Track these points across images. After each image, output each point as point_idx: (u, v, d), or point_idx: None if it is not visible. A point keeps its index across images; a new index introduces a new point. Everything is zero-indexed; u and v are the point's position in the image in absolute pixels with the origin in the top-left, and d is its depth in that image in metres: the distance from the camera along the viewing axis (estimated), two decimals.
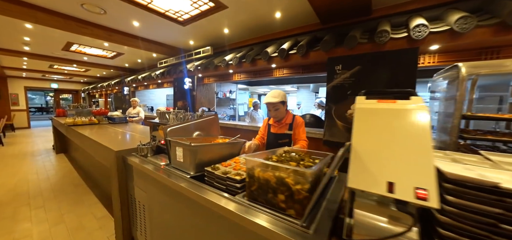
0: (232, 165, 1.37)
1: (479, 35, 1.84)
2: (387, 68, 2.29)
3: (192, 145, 1.32)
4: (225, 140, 1.78)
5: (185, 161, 1.40)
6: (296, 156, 1.22)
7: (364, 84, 2.44)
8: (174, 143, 1.47)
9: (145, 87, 7.05)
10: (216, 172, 1.21)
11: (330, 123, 2.72)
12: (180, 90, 4.86)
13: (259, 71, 3.74)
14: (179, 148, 1.42)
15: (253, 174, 1.00)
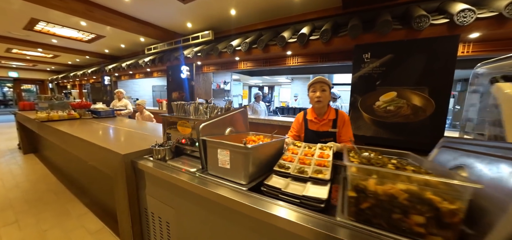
0: (294, 167, 1.09)
1: None
2: (422, 57, 2.14)
3: (247, 146, 1.01)
4: (262, 138, 1.48)
5: (234, 167, 1.08)
6: (386, 159, 0.98)
7: (395, 74, 2.28)
8: (214, 144, 1.14)
9: (130, 76, 6.29)
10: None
11: (355, 116, 2.54)
12: (175, 80, 4.35)
13: (270, 59, 3.42)
14: (224, 151, 1.10)
15: (365, 187, 0.73)
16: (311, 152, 1.36)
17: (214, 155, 1.15)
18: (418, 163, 0.96)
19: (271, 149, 1.30)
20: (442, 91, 2.08)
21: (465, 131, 2.12)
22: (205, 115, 1.56)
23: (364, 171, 0.75)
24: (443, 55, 2.05)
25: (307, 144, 1.52)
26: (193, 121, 1.48)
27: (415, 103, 2.20)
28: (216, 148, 1.13)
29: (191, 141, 1.50)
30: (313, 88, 1.67)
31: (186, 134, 1.53)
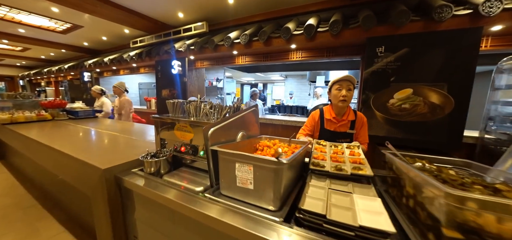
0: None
1: None
2: (441, 51, 1.99)
3: (282, 160, 0.75)
4: (278, 142, 1.23)
5: (259, 187, 0.82)
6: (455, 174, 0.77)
7: (411, 69, 2.12)
8: (230, 156, 0.86)
9: (113, 72, 5.74)
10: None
11: (366, 115, 2.35)
12: (165, 76, 3.95)
13: (272, 53, 3.16)
14: (245, 166, 0.83)
15: (481, 228, 0.50)
16: (339, 150, 1.24)
17: (229, 171, 0.87)
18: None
19: (301, 158, 1.05)
20: (463, 87, 1.94)
21: (486, 131, 2.00)
22: (209, 117, 1.27)
23: (479, 203, 0.51)
24: (464, 49, 1.91)
25: (332, 143, 1.39)
26: (196, 124, 1.18)
27: (432, 100, 2.05)
28: (234, 162, 0.85)
29: (193, 149, 1.21)
30: (338, 85, 1.52)
31: (186, 141, 1.23)
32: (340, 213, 0.79)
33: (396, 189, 0.94)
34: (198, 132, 1.18)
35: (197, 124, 1.18)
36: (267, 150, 1.28)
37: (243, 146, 1.17)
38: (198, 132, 1.18)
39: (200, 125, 1.17)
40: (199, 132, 1.18)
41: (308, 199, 0.89)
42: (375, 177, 1.17)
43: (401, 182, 0.88)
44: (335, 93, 1.53)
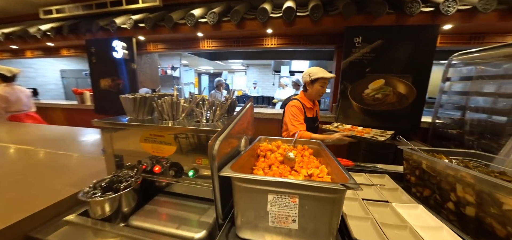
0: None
1: (491, 18, 1.95)
2: (408, 45, 2.14)
3: (349, 184, 0.50)
4: (281, 144, 0.99)
5: (308, 225, 0.55)
6: None
7: (383, 61, 2.23)
8: (259, 185, 0.55)
9: (13, 54, 4.08)
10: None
11: (344, 104, 2.39)
12: (104, 61, 3.02)
13: (245, 38, 2.81)
14: (285, 197, 0.54)
15: None
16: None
17: (255, 205, 0.57)
18: None
19: None
20: (423, 79, 2.16)
21: (437, 117, 2.32)
22: (200, 119, 0.89)
23: None
24: (425, 44, 2.11)
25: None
26: (177, 130, 0.79)
27: (400, 90, 2.23)
28: (265, 194, 0.55)
29: (177, 169, 0.81)
30: (322, 83, 1.67)
31: (162, 156, 0.83)
32: (400, 237, 0.63)
33: (429, 189, 0.86)
34: (181, 143, 0.80)
35: (182, 132, 0.79)
36: (273, 156, 1.02)
37: (250, 158, 0.87)
38: (182, 144, 0.80)
39: (189, 134, 0.79)
40: (184, 144, 0.79)
41: (351, 221, 0.69)
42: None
43: (442, 185, 0.79)
44: (318, 89, 1.67)
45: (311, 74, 1.65)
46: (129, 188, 0.75)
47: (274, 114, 2.67)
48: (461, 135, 1.98)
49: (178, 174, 0.82)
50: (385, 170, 1.17)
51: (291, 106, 1.69)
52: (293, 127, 1.62)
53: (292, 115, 1.66)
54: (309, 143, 1.16)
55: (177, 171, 0.81)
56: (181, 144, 0.80)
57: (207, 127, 0.78)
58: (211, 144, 0.57)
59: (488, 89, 1.75)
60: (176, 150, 0.80)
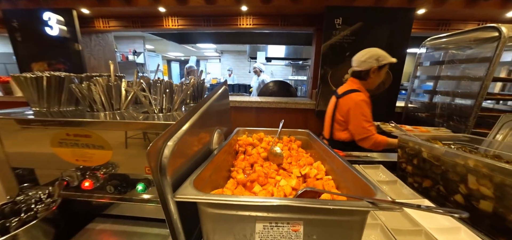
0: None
1: (458, 4, 2.01)
2: (386, 28, 2.11)
3: (375, 201, 0.32)
4: (271, 139, 0.82)
5: None
6: None
7: (363, 45, 2.14)
8: (241, 210, 0.34)
9: None
10: None
11: (325, 90, 2.30)
12: (34, 39, 2.36)
13: (216, 17, 2.47)
14: (283, 225, 0.34)
15: None
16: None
17: (236, 237, 0.36)
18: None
19: None
20: (399, 64, 2.17)
21: (410, 101, 2.39)
22: (148, 109, 0.62)
23: None
24: (401, 28, 2.09)
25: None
26: (110, 125, 0.52)
27: None
28: (251, 222, 0.35)
29: (119, 183, 0.55)
30: (386, 69, 1.41)
31: (93, 165, 0.55)
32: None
33: (430, 180, 0.77)
34: (123, 146, 0.54)
35: (119, 129, 0.53)
36: (255, 152, 0.83)
37: (226, 156, 0.66)
38: (125, 145, 0.54)
39: (134, 131, 0.52)
40: (129, 146, 0.53)
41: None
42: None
43: (448, 175, 0.70)
44: (382, 77, 1.43)
45: (380, 58, 1.34)
46: (36, 220, 0.47)
47: (252, 101, 2.46)
48: (431, 118, 2.05)
49: (121, 189, 0.56)
50: (377, 159, 1.07)
51: (360, 101, 1.35)
52: (367, 131, 1.33)
53: (363, 114, 1.32)
54: (296, 133, 0.99)
55: (119, 185, 0.55)
56: (123, 147, 0.54)
57: (158, 120, 0.53)
58: (153, 150, 0.33)
59: (455, 73, 1.80)
60: (113, 155, 0.53)
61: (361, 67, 1.41)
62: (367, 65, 1.38)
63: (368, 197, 0.33)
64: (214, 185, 0.52)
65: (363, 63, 1.39)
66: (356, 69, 1.45)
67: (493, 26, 1.48)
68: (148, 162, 0.31)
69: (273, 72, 7.59)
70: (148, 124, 0.51)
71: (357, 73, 1.46)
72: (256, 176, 0.66)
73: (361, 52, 1.43)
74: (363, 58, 1.39)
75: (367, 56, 1.37)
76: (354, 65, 1.45)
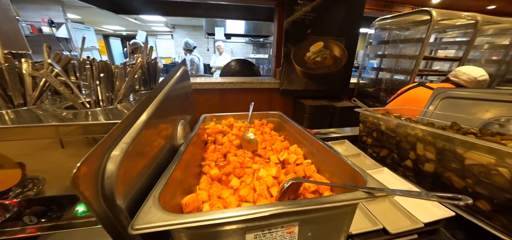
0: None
1: None
2: (342, 7, 2.19)
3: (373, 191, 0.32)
4: (232, 121, 0.77)
5: None
6: None
7: (322, 23, 2.22)
8: (230, 225, 0.28)
9: None
10: None
11: (288, 69, 2.32)
12: None
13: None
14: (277, 230, 0.30)
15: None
16: None
17: None
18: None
19: None
20: (353, 42, 2.34)
21: (361, 77, 2.66)
22: (75, 100, 0.46)
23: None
24: (356, 7, 2.21)
25: None
26: (11, 131, 0.36)
27: (336, 53, 2.34)
28: (241, 235, 0.29)
29: (44, 209, 0.40)
30: None
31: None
32: (385, 212, 0.57)
33: (387, 150, 0.87)
34: (41, 158, 0.38)
35: (21, 138, 0.36)
36: (226, 140, 0.76)
37: (195, 150, 0.57)
38: (47, 156, 0.38)
39: (52, 138, 0.37)
40: (51, 158, 0.38)
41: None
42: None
43: (402, 144, 0.79)
44: None
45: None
46: None
47: (215, 83, 2.29)
48: (377, 92, 2.35)
49: (51, 216, 0.41)
50: (342, 134, 1.15)
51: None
52: None
53: None
54: (268, 115, 0.96)
55: (46, 212, 0.40)
56: (44, 158, 0.38)
57: (92, 120, 0.39)
58: (83, 173, 0.22)
59: (395, 52, 2.06)
60: (31, 172, 0.37)
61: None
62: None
63: (363, 187, 0.31)
64: (184, 188, 0.44)
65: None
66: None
67: (426, 10, 1.71)
68: (77, 192, 0.20)
69: (233, 50, 7.27)
70: (71, 126, 0.36)
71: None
72: (232, 168, 0.60)
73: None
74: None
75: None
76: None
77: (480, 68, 1.36)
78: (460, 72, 1.39)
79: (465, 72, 1.37)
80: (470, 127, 0.75)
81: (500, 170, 0.51)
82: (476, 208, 0.58)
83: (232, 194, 0.46)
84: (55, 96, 0.56)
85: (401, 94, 1.54)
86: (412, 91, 1.48)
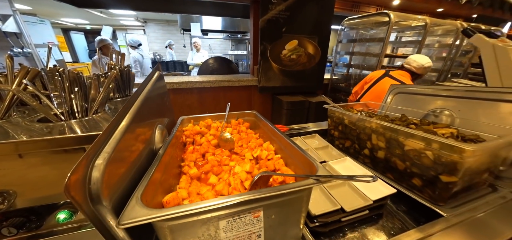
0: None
1: None
2: (314, 6, 2.32)
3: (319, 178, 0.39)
4: (210, 122, 0.82)
5: (277, 230, 0.42)
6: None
7: (297, 21, 2.32)
8: (203, 214, 0.33)
9: None
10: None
11: (265, 66, 2.39)
12: None
13: None
14: (245, 216, 0.36)
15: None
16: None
17: (203, 237, 0.36)
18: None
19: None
20: (325, 40, 2.49)
21: (334, 73, 2.84)
22: (47, 114, 0.47)
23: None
24: (327, 6, 2.35)
25: None
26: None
27: (309, 51, 2.48)
28: (215, 221, 0.35)
29: (23, 221, 0.41)
30: None
31: None
32: (343, 194, 0.68)
33: (350, 141, 0.99)
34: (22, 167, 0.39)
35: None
36: (204, 141, 0.80)
37: (174, 151, 0.61)
38: (21, 168, 0.39)
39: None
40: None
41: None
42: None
43: (361, 136, 0.91)
44: None
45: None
46: None
47: (193, 82, 2.28)
48: (348, 87, 2.55)
49: (30, 226, 0.42)
50: (312, 129, 1.26)
51: None
52: None
53: None
54: (244, 115, 1.01)
55: (24, 223, 0.41)
56: (18, 171, 0.39)
57: (69, 133, 0.41)
58: (73, 182, 0.25)
59: (362, 49, 2.26)
60: (4, 185, 0.38)
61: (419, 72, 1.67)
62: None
63: (313, 175, 0.39)
64: (165, 188, 0.48)
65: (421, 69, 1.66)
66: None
67: (385, 12, 1.90)
68: (70, 198, 0.23)
69: (211, 46, 7.13)
70: (51, 140, 0.38)
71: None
72: (210, 166, 0.65)
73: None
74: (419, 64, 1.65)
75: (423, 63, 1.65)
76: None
77: (426, 57, 1.65)
78: (411, 60, 1.67)
79: (415, 60, 1.65)
80: (413, 118, 0.90)
81: (426, 153, 0.64)
82: (412, 184, 0.71)
83: (210, 190, 0.52)
84: (21, 108, 0.54)
85: (372, 85, 1.72)
86: (380, 83, 1.67)
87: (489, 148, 0.58)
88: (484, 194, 0.68)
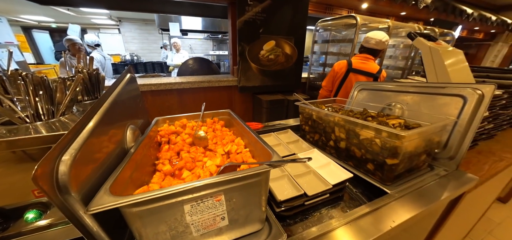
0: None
1: None
2: (289, 8, 2.42)
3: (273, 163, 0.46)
4: (185, 121, 0.86)
5: (239, 213, 0.47)
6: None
7: (273, 22, 2.40)
8: (167, 199, 0.38)
9: None
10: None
11: (244, 67, 2.45)
12: None
13: None
14: (208, 200, 0.41)
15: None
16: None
17: (169, 223, 0.40)
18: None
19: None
20: (301, 41, 2.61)
21: (310, 72, 2.98)
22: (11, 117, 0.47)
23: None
24: (301, 8, 2.47)
25: None
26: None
27: (287, 51, 2.58)
28: (180, 206, 0.39)
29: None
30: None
31: None
32: (308, 181, 0.75)
33: (318, 134, 1.08)
34: None
35: None
36: (179, 140, 0.84)
37: (148, 150, 0.63)
38: None
39: None
40: None
41: (272, 183, 0.73)
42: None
43: (326, 129, 1.00)
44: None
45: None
46: None
47: (172, 83, 2.25)
48: None
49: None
50: (287, 125, 1.34)
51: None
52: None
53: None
54: (218, 114, 1.06)
55: None
56: None
57: (34, 133, 0.42)
58: (40, 173, 0.28)
59: (335, 50, 2.41)
60: None
61: (380, 47, 1.72)
62: (383, 46, 1.71)
63: (267, 161, 0.45)
64: (137, 184, 0.51)
65: (381, 44, 1.69)
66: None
67: (353, 16, 2.06)
68: (38, 187, 0.26)
69: (192, 46, 7.01)
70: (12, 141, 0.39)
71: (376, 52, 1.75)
72: (184, 163, 0.68)
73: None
74: (378, 40, 1.67)
75: (382, 39, 1.67)
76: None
77: (382, 32, 1.68)
78: (369, 38, 1.68)
79: (373, 37, 1.65)
80: (372, 112, 1.01)
81: (376, 141, 0.74)
82: (367, 169, 0.81)
83: (181, 183, 0.56)
84: None
85: (342, 82, 1.80)
86: (348, 80, 1.78)
87: (420, 133, 0.69)
88: (423, 173, 0.81)
